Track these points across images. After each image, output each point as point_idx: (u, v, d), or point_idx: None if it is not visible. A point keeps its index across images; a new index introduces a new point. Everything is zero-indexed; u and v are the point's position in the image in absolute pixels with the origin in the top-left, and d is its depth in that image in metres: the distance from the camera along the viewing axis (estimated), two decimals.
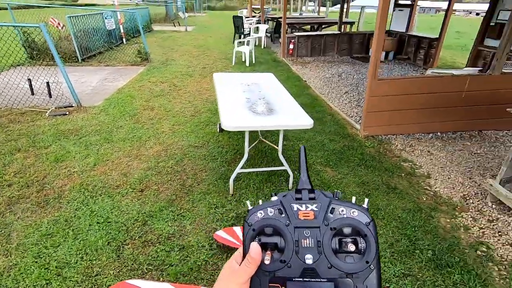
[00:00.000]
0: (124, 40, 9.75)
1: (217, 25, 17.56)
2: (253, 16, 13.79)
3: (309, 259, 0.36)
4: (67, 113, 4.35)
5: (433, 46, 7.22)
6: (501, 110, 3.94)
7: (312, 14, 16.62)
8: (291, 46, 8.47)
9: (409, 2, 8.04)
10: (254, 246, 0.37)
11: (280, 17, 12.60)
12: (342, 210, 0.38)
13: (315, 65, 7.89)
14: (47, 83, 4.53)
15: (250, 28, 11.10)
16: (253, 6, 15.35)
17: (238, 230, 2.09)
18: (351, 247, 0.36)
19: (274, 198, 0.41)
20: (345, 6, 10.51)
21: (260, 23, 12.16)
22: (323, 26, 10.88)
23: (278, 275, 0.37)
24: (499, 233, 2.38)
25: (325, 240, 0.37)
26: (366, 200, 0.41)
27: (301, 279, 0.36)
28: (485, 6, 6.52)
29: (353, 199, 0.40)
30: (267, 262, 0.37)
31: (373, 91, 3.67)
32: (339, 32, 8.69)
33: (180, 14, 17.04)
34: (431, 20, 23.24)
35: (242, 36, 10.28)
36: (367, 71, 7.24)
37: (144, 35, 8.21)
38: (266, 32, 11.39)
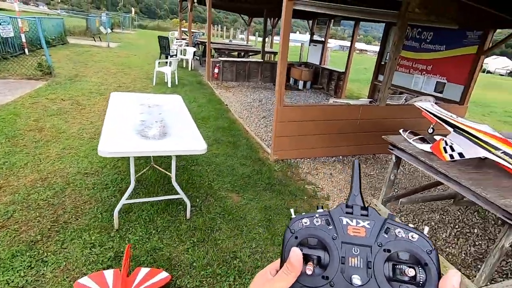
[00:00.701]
0: (26, 50, 8.51)
1: (145, 44, 16.92)
2: (183, 39, 13.71)
3: (356, 279, 0.32)
4: None
5: (341, 79, 8.13)
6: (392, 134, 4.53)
7: (241, 42, 17.43)
8: (216, 70, 8.55)
9: (322, 39, 9.02)
10: (296, 252, 0.33)
11: (212, 42, 12.81)
12: (399, 232, 0.34)
13: (238, 89, 8.06)
14: None
15: (177, 50, 10.94)
16: (183, 29, 15.31)
17: (109, 274, 1.77)
18: (410, 273, 0.31)
19: (320, 210, 0.37)
20: (269, 38, 11.30)
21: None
22: (249, 54, 11.39)
23: None
24: None
25: (377, 262, 0.33)
26: (426, 228, 0.35)
27: None
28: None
29: (411, 225, 0.35)
30: (309, 272, 0.33)
31: (280, 117, 3.81)
32: (262, 60, 9.17)
33: (101, 28, 15.92)
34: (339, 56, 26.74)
35: (169, 57, 10.02)
36: (286, 97, 7.75)
37: (48, 47, 7.29)
38: (194, 55, 11.37)
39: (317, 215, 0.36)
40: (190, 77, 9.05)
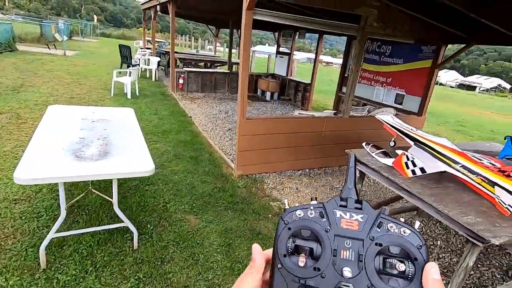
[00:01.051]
0: None
1: (107, 52, 16.10)
2: (148, 48, 13.22)
3: (347, 272, 0.32)
4: None
5: (307, 90, 8.21)
6: (350, 147, 4.53)
7: (208, 52, 17.25)
8: (181, 81, 8.25)
9: (288, 51, 9.10)
10: (256, 249, 0.37)
11: (177, 52, 12.47)
12: (392, 226, 0.35)
13: (204, 101, 7.81)
14: None
15: (139, 59, 10.47)
16: (148, 38, 14.81)
17: None
18: (401, 267, 0.32)
19: (314, 202, 0.38)
20: (238, 49, 11.23)
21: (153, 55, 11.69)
22: (215, 65, 11.22)
23: (309, 284, 0.33)
24: None
25: (368, 256, 0.33)
26: (418, 223, 0.37)
27: None
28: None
29: (402, 219, 0.35)
30: (301, 264, 0.33)
31: (243, 130, 3.63)
32: (229, 71, 9.04)
33: (57, 36, 14.92)
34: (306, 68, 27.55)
35: (131, 66, 9.54)
36: (253, 108, 7.68)
37: None
38: (159, 65, 10.96)
39: (311, 207, 0.37)
40: (153, 88, 8.64)
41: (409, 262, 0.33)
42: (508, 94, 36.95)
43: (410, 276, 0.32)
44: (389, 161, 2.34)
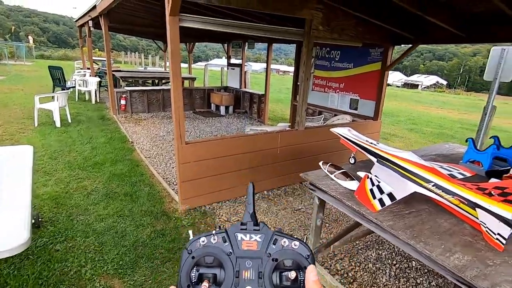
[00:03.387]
0: None
1: (41, 76, 14.46)
2: (88, 68, 12.06)
3: None
4: None
5: (263, 101, 7.86)
6: (309, 162, 4.17)
7: (158, 69, 16.37)
8: (123, 102, 7.42)
9: (239, 62, 8.74)
10: None
11: (120, 70, 11.52)
12: (285, 242, 0.39)
13: (151, 121, 7.07)
14: None
15: (76, 81, 9.40)
16: (95, 58, 13.58)
17: None
18: (292, 275, 0.36)
19: (218, 230, 0.40)
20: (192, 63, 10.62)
21: (98, 74, 10.63)
22: (163, 81, 10.50)
23: None
24: None
25: (266, 271, 0.37)
26: (305, 237, 0.45)
27: None
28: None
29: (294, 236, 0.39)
30: None
31: (183, 157, 3.06)
32: None
33: None
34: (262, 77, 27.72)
35: (65, 89, 8.47)
36: (207, 125, 7.11)
37: None
38: (100, 85, 9.95)
39: (214, 233, 0.39)
40: (91, 112, 7.69)
41: (301, 272, 0.37)
42: (445, 90, 40.70)
43: (302, 284, 0.36)
44: (351, 185, 1.93)
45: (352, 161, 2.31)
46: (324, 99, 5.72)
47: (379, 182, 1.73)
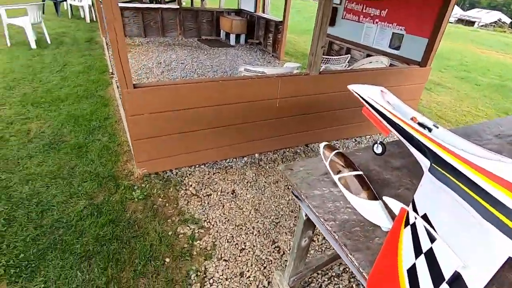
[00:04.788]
0: None
1: None
2: None
3: None
4: None
5: (280, 30, 6.36)
6: (319, 120, 3.13)
7: None
8: None
9: None
10: None
11: None
12: None
13: (145, 48, 5.98)
14: None
15: None
16: None
17: None
18: None
19: None
20: None
21: None
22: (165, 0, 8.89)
23: None
24: None
25: None
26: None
27: None
28: None
29: None
30: None
31: (133, 107, 2.14)
32: (179, 6, 6.93)
33: None
34: (296, 3, 24.03)
35: (67, 5, 7.37)
36: (208, 58, 5.90)
37: None
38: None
39: None
40: (81, 33, 6.65)
41: None
42: (507, 30, 34.40)
43: None
44: (368, 208, 0.98)
45: (378, 150, 1.29)
46: (356, 32, 4.28)
47: (428, 231, 0.75)
